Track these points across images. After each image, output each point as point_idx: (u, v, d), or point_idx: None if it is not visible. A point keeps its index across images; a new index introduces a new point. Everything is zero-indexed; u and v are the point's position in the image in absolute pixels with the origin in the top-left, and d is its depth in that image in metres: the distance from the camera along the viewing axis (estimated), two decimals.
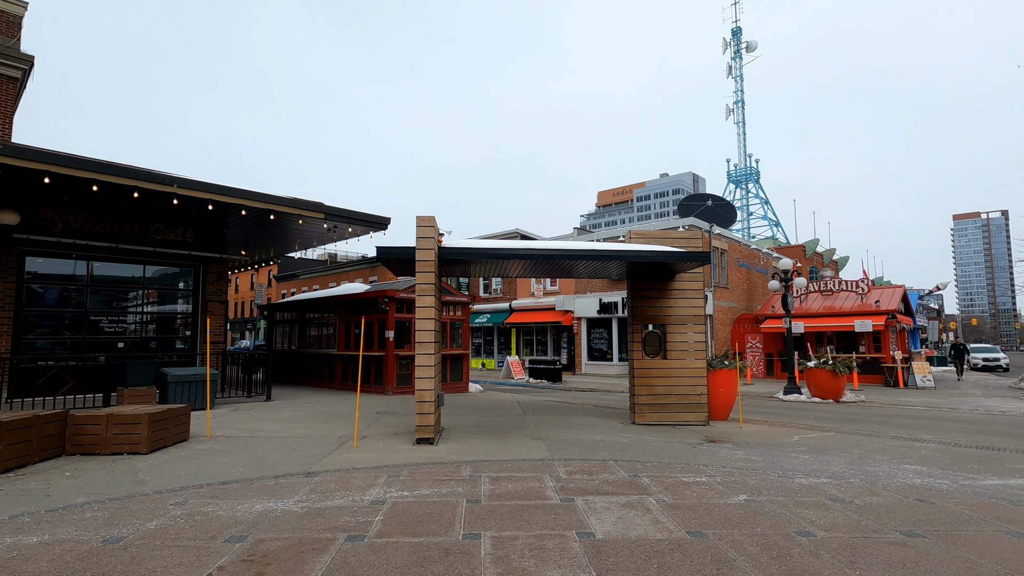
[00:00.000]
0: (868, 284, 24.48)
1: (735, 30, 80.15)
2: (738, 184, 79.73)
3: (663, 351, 10.39)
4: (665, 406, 10.23)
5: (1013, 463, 7.23)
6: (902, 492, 5.58)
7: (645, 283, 10.54)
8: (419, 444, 7.90)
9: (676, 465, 6.71)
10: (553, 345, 29.71)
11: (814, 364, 15.74)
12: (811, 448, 8.13)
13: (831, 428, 10.26)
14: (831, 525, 4.49)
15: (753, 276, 29.57)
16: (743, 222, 75.19)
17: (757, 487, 5.68)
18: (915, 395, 17.56)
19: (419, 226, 8.17)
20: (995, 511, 4.96)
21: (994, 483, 6.11)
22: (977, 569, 3.65)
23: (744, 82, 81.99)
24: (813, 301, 25.16)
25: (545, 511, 4.80)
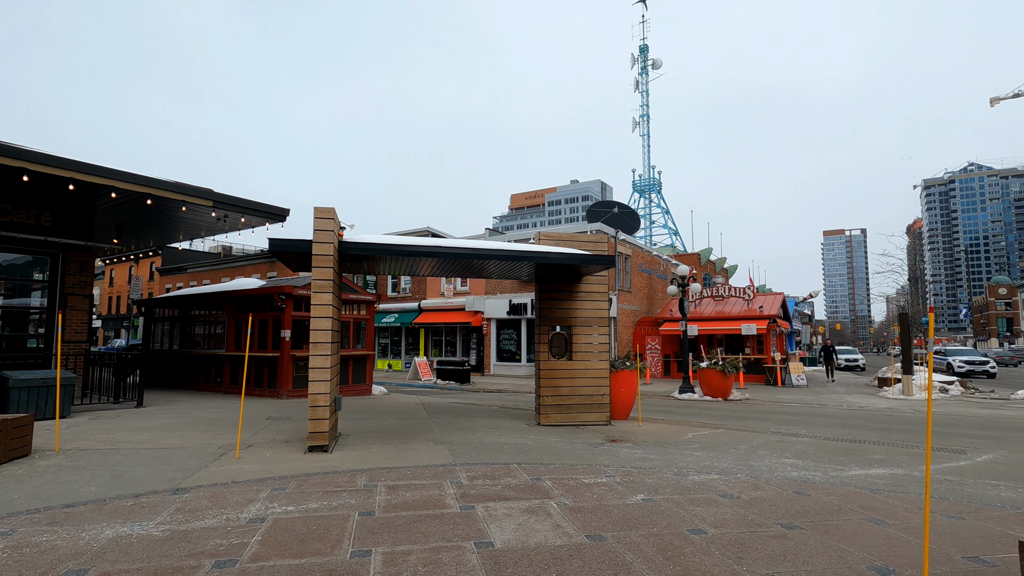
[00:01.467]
0: (753, 291, 26.60)
1: (642, 47, 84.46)
2: (642, 194, 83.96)
3: (569, 352, 10.51)
4: (570, 407, 10.35)
5: (872, 454, 8.01)
6: (782, 485, 5.95)
7: (554, 285, 10.61)
8: (311, 452, 7.35)
9: (578, 466, 6.74)
10: (462, 346, 29.46)
11: (706, 365, 16.76)
12: (703, 445, 8.53)
13: (721, 425, 10.90)
14: (721, 521, 4.65)
15: (654, 281, 31.14)
16: (646, 230, 79.29)
17: (654, 486, 5.80)
18: (791, 393, 19.26)
19: (317, 217, 7.61)
20: (859, 500, 5.40)
21: (858, 473, 6.71)
22: (846, 557, 3.89)
23: (650, 97, 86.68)
24: (706, 306, 26.90)
25: (443, 521, 4.56)
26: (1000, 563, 3.80)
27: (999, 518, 4.86)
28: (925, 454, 7.96)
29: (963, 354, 29.03)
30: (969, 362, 27.65)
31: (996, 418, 12.54)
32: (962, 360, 27.75)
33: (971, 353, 29.56)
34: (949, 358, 28.36)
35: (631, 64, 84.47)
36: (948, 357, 28.55)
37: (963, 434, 10.01)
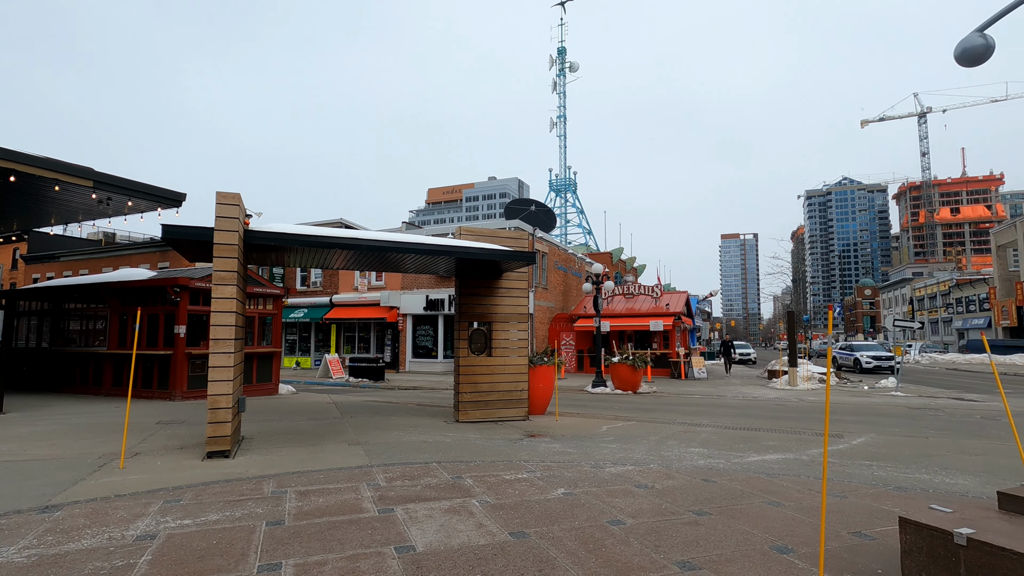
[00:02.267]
0: (660, 290, 28.06)
1: (560, 49, 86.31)
2: (558, 193, 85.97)
3: (488, 349, 10.48)
4: (489, 403, 10.32)
5: (767, 441, 8.68)
6: (691, 474, 6.28)
7: (473, 281, 10.52)
8: (211, 459, 6.76)
9: (499, 463, 6.72)
10: (377, 342, 28.62)
11: (618, 359, 17.43)
12: (617, 437, 8.83)
13: (632, 417, 11.36)
14: (638, 511, 4.80)
15: (569, 279, 31.96)
16: (562, 228, 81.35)
17: (573, 479, 5.90)
18: (694, 385, 20.53)
19: (220, 203, 7.00)
20: (759, 484, 5.80)
21: (756, 459, 7.23)
22: (751, 539, 4.15)
23: (567, 99, 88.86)
24: (618, 303, 28.02)
25: (361, 526, 4.34)
26: (879, 536, 4.21)
27: (875, 495, 5.42)
28: (810, 439, 8.75)
29: (870, 349, 29.06)
30: (876, 357, 27.60)
31: (864, 405, 14.07)
32: (870, 356, 27.64)
33: (877, 349, 29.46)
34: (856, 353, 28.30)
35: (549, 65, 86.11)
36: (855, 352, 28.54)
37: (839, 420, 11.12)
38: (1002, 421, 11.02)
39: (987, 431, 9.83)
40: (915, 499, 5.23)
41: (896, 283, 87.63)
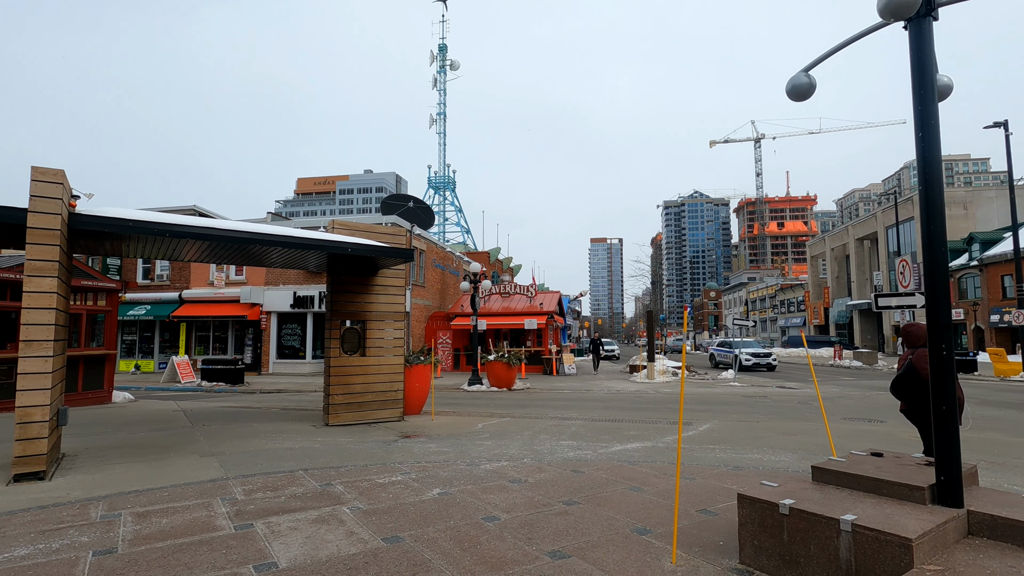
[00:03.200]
0: (535, 289, 29.07)
1: (441, 46, 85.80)
2: (437, 190, 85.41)
3: (362, 348, 10.09)
4: (362, 404, 9.93)
5: (628, 431, 9.36)
6: (561, 466, 6.56)
7: (347, 277, 10.05)
8: (20, 482, 5.71)
9: (372, 466, 6.48)
10: (236, 343, 26.21)
11: (494, 357, 17.74)
12: (493, 434, 8.97)
13: (507, 414, 11.62)
14: (512, 506, 4.91)
15: (447, 277, 31.87)
16: (440, 226, 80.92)
17: (449, 479, 5.88)
18: (565, 381, 21.54)
19: (37, 180, 5.93)
20: (622, 472, 6.23)
21: (619, 449, 7.76)
22: (615, 524, 4.44)
23: (447, 96, 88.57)
24: (494, 302, 28.52)
25: (214, 546, 3.93)
26: (721, 512, 4.73)
27: (718, 475, 6.08)
28: (665, 428, 9.59)
29: (749, 346, 28.40)
30: (755, 355, 26.96)
31: (709, 395, 15.78)
32: (749, 353, 26.98)
33: (755, 346, 29.21)
34: (735, 350, 27.36)
35: (430, 61, 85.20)
36: (734, 349, 27.47)
37: (689, 410, 12.35)
38: (814, 405, 12.98)
39: (803, 414, 11.51)
40: (750, 476, 5.96)
41: (735, 287, 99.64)
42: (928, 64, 3.46)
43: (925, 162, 3.47)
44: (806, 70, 4.14)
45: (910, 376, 4.99)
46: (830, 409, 12.12)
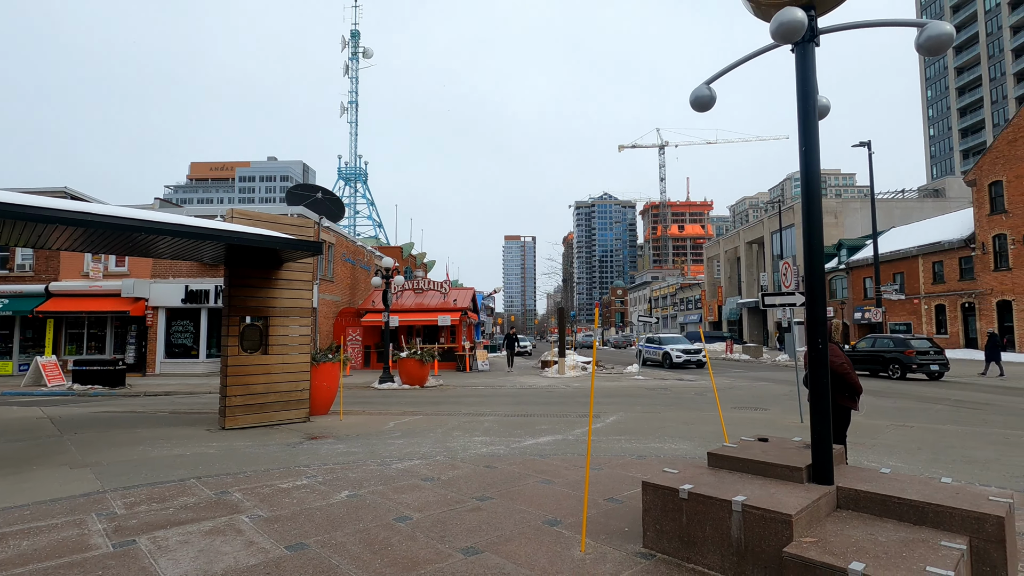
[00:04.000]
0: (449, 286, 28.89)
1: (354, 32, 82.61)
2: (347, 182, 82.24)
3: (264, 346, 9.50)
4: (264, 405, 9.36)
5: (540, 425, 9.56)
6: (475, 462, 6.57)
7: (248, 270, 9.41)
8: None
9: (274, 471, 6.12)
10: (116, 341, 23.70)
11: (406, 354, 17.41)
12: (404, 432, 8.80)
13: (420, 412, 11.45)
14: (424, 505, 4.84)
15: (357, 272, 30.82)
16: (350, 219, 78.08)
17: (359, 480, 5.69)
18: (478, 377, 21.60)
19: None
20: (534, 466, 6.35)
21: (531, 443, 7.90)
22: (528, 517, 4.51)
23: (360, 84, 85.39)
24: (407, 298, 28.00)
25: (88, 568, 3.53)
26: (626, 499, 4.96)
27: (623, 464, 6.37)
28: (575, 421, 9.90)
29: (678, 342, 27.24)
30: (686, 351, 25.89)
31: (616, 388, 16.51)
32: (680, 350, 25.93)
33: (684, 342, 28.11)
34: (666, 347, 26.50)
35: (342, 47, 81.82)
36: (665, 346, 26.65)
37: (598, 402, 12.84)
38: (709, 396, 13.97)
39: (699, 404, 12.36)
40: (652, 464, 6.30)
41: (640, 285, 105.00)
42: (811, 84, 3.83)
43: (807, 172, 3.83)
44: (708, 83, 4.43)
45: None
46: (723, 399, 13.11)
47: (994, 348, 18.92)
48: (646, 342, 29.04)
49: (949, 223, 36.95)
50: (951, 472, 6.07)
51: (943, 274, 34.52)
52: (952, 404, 11.98)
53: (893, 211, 46.94)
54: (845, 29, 3.86)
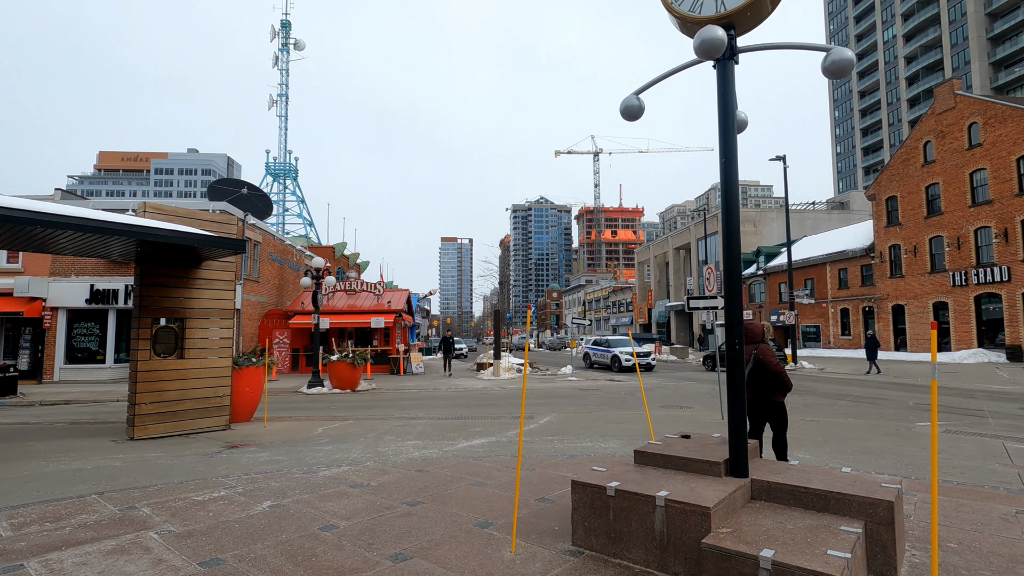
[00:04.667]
0: (383, 287, 28.28)
1: (284, 22, 79.31)
2: (276, 178, 78.74)
3: (180, 349, 8.91)
4: (178, 413, 8.76)
5: (474, 427, 9.54)
6: (406, 466, 6.45)
7: (163, 269, 8.80)
8: None
9: (189, 483, 5.74)
10: (7, 345, 21.44)
11: (337, 358, 16.87)
12: (333, 438, 8.52)
13: (350, 416, 11.12)
14: (352, 512, 4.70)
15: (285, 272, 29.56)
16: (279, 217, 74.76)
17: (282, 489, 5.44)
18: (412, 380, 21.26)
19: None
20: (467, 468, 6.32)
21: (465, 445, 7.86)
22: (459, 520, 4.48)
23: (291, 77, 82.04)
24: (339, 299, 27.14)
25: None
26: (557, 499, 5.03)
27: (555, 464, 6.46)
28: (508, 422, 9.95)
29: (626, 345, 26.44)
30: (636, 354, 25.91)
31: (550, 390, 16.75)
32: (628, 353, 24.94)
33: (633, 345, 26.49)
34: (615, 350, 25.86)
35: (271, 37, 78.31)
36: (613, 349, 26.04)
37: (532, 404, 12.97)
38: (638, 395, 14.45)
39: (629, 404, 12.76)
40: (583, 463, 6.43)
41: (574, 288, 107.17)
42: (730, 99, 4.05)
43: (727, 183, 4.05)
44: (636, 93, 4.59)
45: (759, 370, 5.45)
46: (651, 398, 13.60)
47: (873, 349, 20.79)
48: (593, 345, 28.44)
49: (853, 234, 40.27)
50: (852, 462, 6.60)
51: (847, 280, 37.55)
52: (853, 400, 13.03)
53: (805, 221, 50.55)
54: (761, 49, 4.11)
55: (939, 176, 30.92)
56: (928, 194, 31.72)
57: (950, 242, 30.14)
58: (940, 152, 30.93)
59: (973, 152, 29.01)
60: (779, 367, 5.44)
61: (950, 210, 30.20)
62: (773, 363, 5.41)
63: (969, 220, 29.12)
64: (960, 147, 29.76)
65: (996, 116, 27.97)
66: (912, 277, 32.52)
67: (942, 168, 30.76)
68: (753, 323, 5.73)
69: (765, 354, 5.43)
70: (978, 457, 6.87)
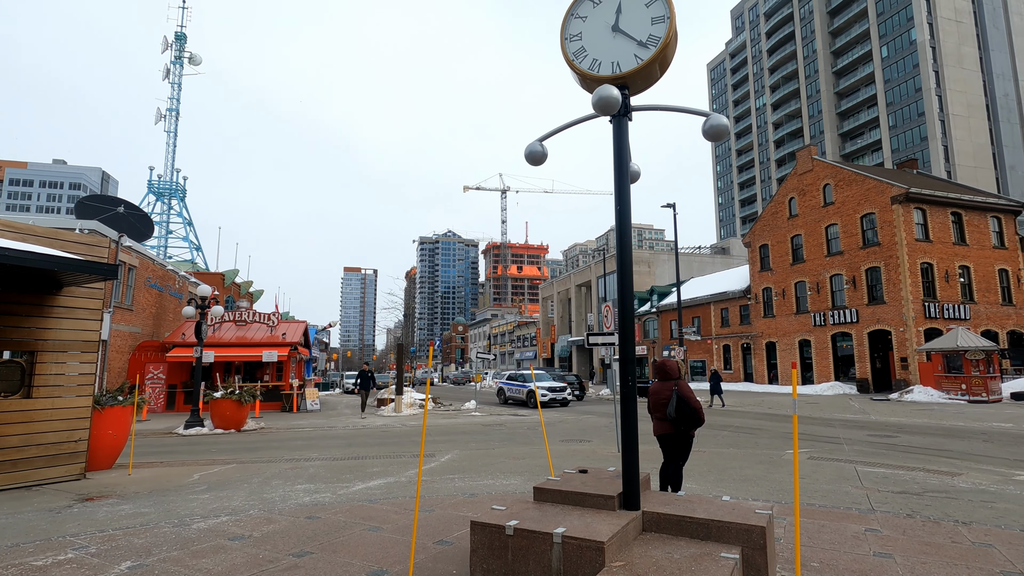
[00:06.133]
0: (278, 318, 26.64)
1: (179, 34, 74.60)
2: (160, 197, 72.39)
3: (27, 387, 7.75)
4: (20, 462, 7.56)
5: (372, 467, 9.12)
6: (295, 513, 6.01)
7: (9, 295, 7.69)
8: None
9: (27, 545, 4.93)
10: None
11: (221, 394, 15.51)
12: (212, 485, 7.75)
13: (233, 460, 10.20)
14: (229, 569, 4.27)
15: (165, 299, 26.97)
16: (161, 239, 68.47)
17: (146, 547, 4.84)
18: (306, 418, 20.00)
19: None
20: (362, 512, 6.01)
21: (360, 488, 7.48)
22: (350, 570, 4.22)
23: (183, 91, 76.70)
24: (227, 331, 25.15)
25: None
26: (456, 540, 4.91)
27: (455, 504, 6.33)
28: (408, 461, 9.64)
29: (544, 379, 25.89)
30: (552, 389, 24.23)
31: (453, 426, 16.49)
32: (545, 387, 24.19)
33: (549, 379, 27.01)
34: (529, 384, 25.32)
35: (163, 48, 73.26)
36: (528, 384, 25.49)
37: (433, 441, 12.68)
38: (538, 430, 14.63)
39: (531, 439, 12.87)
40: (482, 502, 6.35)
41: (480, 322, 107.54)
42: (624, 151, 4.38)
43: (621, 229, 4.33)
44: (540, 140, 4.82)
45: (681, 405, 5.64)
46: (552, 432, 13.83)
47: (716, 383, 22.20)
48: (508, 380, 27.54)
49: (733, 276, 44.32)
50: (731, 490, 7.09)
51: (729, 319, 41.04)
52: (733, 430, 14.09)
53: (693, 263, 54.90)
54: (651, 110, 4.51)
55: (802, 228, 35.10)
56: (793, 244, 35.83)
57: (811, 287, 34.10)
58: (802, 207, 35.21)
59: (827, 209, 33.34)
60: (697, 403, 5.76)
61: (811, 258, 34.26)
62: (692, 399, 5.72)
63: (825, 268, 33.18)
64: (817, 204, 34.08)
65: (844, 179, 32.48)
66: (781, 317, 36.23)
67: (804, 222, 34.97)
68: (670, 361, 6.04)
69: (684, 390, 5.72)
70: (835, 480, 7.67)
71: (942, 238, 29.61)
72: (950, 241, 29.78)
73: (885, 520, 5.59)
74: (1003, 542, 4.88)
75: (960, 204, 30.37)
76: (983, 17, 67.08)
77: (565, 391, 24.32)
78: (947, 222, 29.97)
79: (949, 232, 29.89)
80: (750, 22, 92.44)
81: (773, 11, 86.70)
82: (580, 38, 4.60)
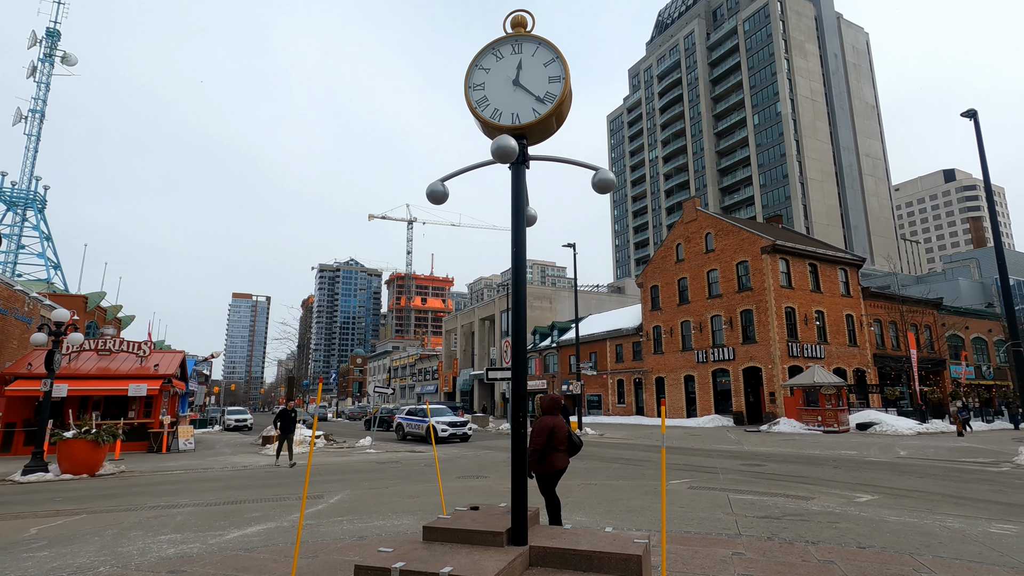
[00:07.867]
0: (150, 347, 24.13)
1: (51, 31, 67.45)
2: (11, 207, 63.66)
3: None
4: None
5: (251, 512, 8.43)
6: (156, 568, 5.41)
7: None
8: None
9: None
10: None
11: (73, 434, 13.64)
12: (53, 540, 6.76)
13: (83, 509, 8.96)
14: None
15: (10, 324, 23.48)
16: (10, 255, 59.85)
17: None
18: (177, 459, 18.07)
19: None
20: (236, 563, 5.54)
21: (236, 535, 6.89)
22: None
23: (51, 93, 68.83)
24: (87, 361, 22.33)
25: None
26: None
27: (342, 548, 6.02)
28: (293, 504, 9.05)
29: (444, 414, 25.70)
30: (451, 424, 24.12)
31: (346, 464, 15.70)
32: (445, 423, 24.10)
33: (449, 414, 26.55)
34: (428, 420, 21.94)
35: (30, 43, 65.79)
36: (427, 419, 23.89)
37: (323, 481, 11.99)
38: (432, 466, 14.33)
39: (427, 476, 12.58)
40: (371, 545, 6.11)
41: (380, 354, 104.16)
42: (521, 197, 4.62)
43: (516, 270, 4.53)
44: (442, 180, 4.96)
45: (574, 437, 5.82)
46: (449, 469, 13.61)
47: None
48: (407, 415, 27.19)
49: (627, 314, 46.89)
50: (617, 521, 7.40)
51: (623, 355, 43.17)
52: (624, 463, 14.73)
53: (591, 301, 57.41)
54: (547, 160, 4.83)
55: (687, 272, 38.15)
56: (680, 286, 38.77)
57: (695, 326, 36.94)
58: (688, 253, 38.37)
59: (709, 256, 36.60)
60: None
61: (695, 300, 37.22)
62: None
63: (707, 309, 36.17)
64: (700, 251, 37.32)
65: (723, 229, 35.95)
66: (670, 354, 38.75)
67: (689, 266, 38.08)
68: (557, 395, 6.25)
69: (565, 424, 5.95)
70: (710, 508, 8.26)
71: (802, 285, 33.54)
72: (808, 288, 33.80)
73: (749, 544, 6.11)
74: (843, 558, 5.52)
75: (816, 256, 34.71)
76: (832, 98, 78.69)
77: (466, 426, 24.40)
78: (806, 271, 34.07)
79: (807, 280, 33.95)
80: (645, 82, 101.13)
81: (664, 74, 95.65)
82: (483, 88, 4.85)
